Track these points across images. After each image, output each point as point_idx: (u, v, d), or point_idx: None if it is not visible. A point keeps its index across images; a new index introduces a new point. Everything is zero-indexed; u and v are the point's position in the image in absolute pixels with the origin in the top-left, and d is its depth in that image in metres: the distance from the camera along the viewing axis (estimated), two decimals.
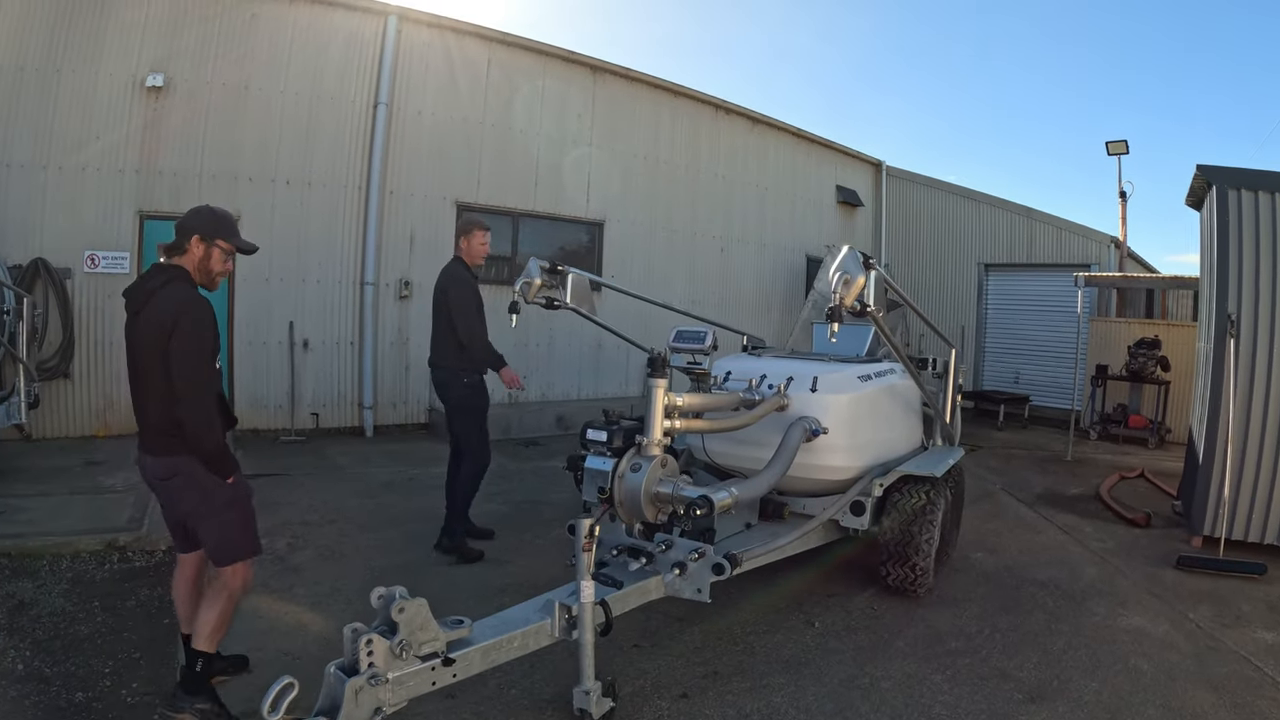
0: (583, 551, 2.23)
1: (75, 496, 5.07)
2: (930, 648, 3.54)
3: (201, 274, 2.62)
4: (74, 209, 6.81)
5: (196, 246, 2.58)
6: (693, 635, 3.50)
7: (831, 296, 2.92)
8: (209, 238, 2.60)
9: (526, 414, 8.56)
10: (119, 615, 3.49)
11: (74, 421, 6.93)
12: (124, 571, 4.01)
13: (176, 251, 2.60)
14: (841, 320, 2.93)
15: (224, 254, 2.64)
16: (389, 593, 1.95)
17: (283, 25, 7.52)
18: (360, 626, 2.00)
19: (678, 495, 2.73)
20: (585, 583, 2.27)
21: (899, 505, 3.92)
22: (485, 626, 2.29)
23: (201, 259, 2.59)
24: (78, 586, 3.78)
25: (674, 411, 2.91)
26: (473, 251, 4.58)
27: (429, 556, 4.43)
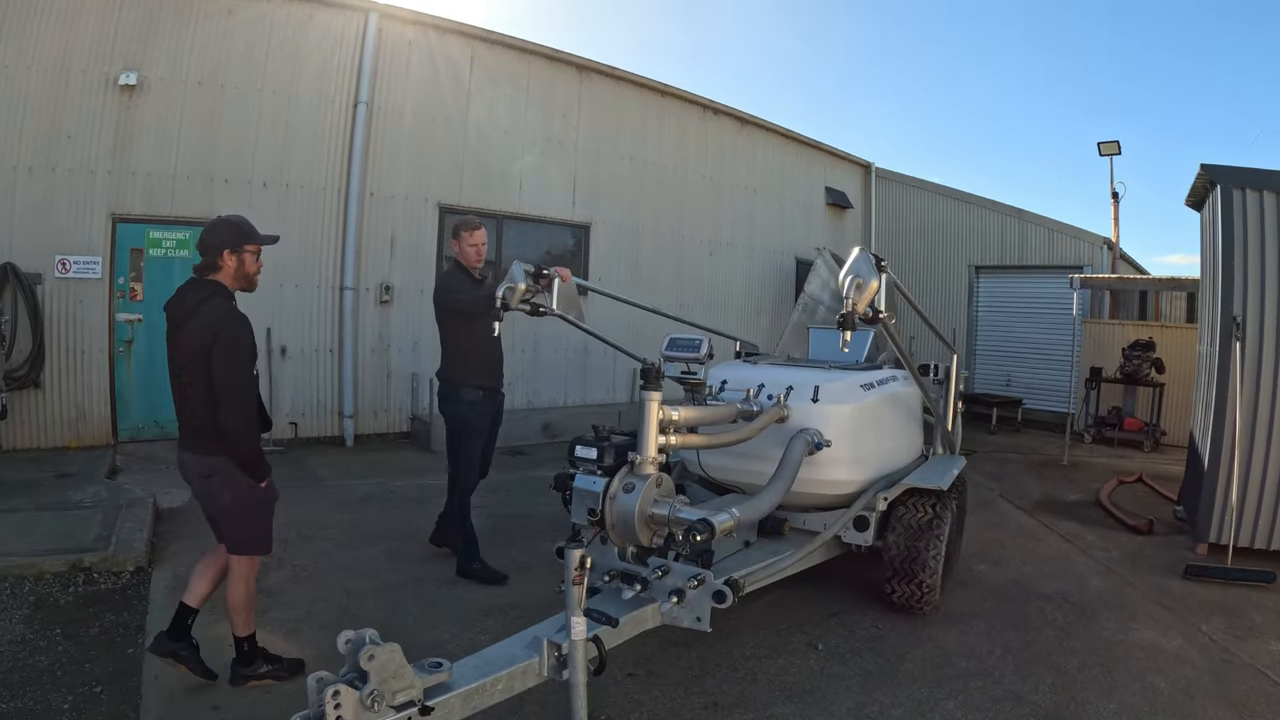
0: (573, 584, 2.03)
1: (42, 513, 4.82)
2: (940, 670, 3.38)
3: (240, 281, 2.84)
4: (44, 211, 6.53)
5: (229, 260, 2.77)
6: (690, 662, 3.30)
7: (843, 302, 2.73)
8: (238, 248, 2.79)
9: (512, 422, 8.29)
10: (81, 644, 3.28)
11: (45, 433, 6.64)
12: (88, 595, 3.79)
13: (210, 270, 2.77)
14: (854, 327, 2.74)
15: (254, 255, 2.85)
16: (357, 637, 1.74)
17: (260, 22, 7.27)
18: (326, 676, 1.79)
19: (675, 518, 2.53)
20: (576, 619, 2.07)
21: (904, 520, 3.75)
22: (466, 668, 2.08)
23: (237, 269, 2.80)
24: (39, 612, 3.56)
25: (669, 426, 2.72)
26: (464, 254, 4.28)
27: (408, 578, 4.19)
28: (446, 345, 4.27)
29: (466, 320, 4.10)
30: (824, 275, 9.91)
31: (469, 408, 4.15)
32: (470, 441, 4.19)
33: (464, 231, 4.25)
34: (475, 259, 4.25)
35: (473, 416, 4.18)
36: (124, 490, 5.36)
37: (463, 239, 4.25)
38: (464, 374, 4.14)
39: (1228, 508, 5.09)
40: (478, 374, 4.15)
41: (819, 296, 9.90)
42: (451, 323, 4.19)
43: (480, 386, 4.17)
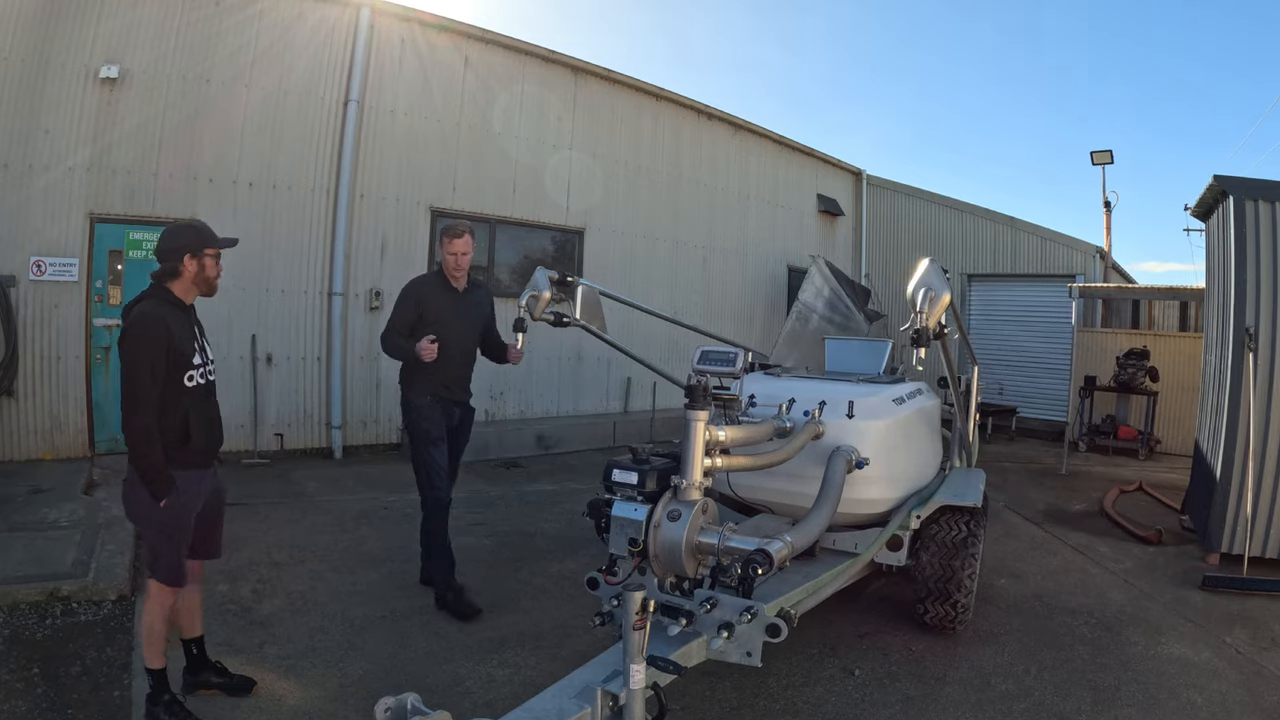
0: (633, 630, 1.85)
1: (15, 534, 4.49)
2: (981, 693, 3.28)
3: (201, 285, 2.77)
4: (19, 211, 6.20)
5: (190, 264, 2.70)
6: (726, 693, 3.13)
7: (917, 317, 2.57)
8: (198, 252, 2.71)
9: (506, 433, 8.10)
10: (62, 686, 3.01)
11: (18, 444, 6.29)
12: (68, 628, 3.50)
13: (170, 275, 2.69)
14: (928, 344, 2.59)
15: (214, 259, 2.77)
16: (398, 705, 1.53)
17: (248, 15, 6.99)
18: None
19: (726, 547, 2.36)
20: (636, 666, 1.88)
21: (937, 538, 3.62)
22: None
23: (197, 274, 2.72)
24: (15, 647, 3.28)
25: (714, 447, 2.54)
26: (444, 261, 3.99)
27: (414, 605, 3.94)
28: None
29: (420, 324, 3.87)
30: (818, 283, 9.82)
31: (416, 413, 3.93)
32: (425, 448, 3.92)
33: (445, 237, 3.97)
34: (452, 268, 3.97)
35: (423, 422, 3.92)
36: (102, 507, 5.04)
37: (443, 245, 3.97)
38: (411, 379, 3.95)
39: (1240, 518, 5.08)
40: (427, 380, 3.88)
41: (812, 305, 9.80)
42: None
43: (429, 393, 3.92)
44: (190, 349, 2.70)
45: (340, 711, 2.90)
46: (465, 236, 3.96)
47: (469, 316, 4.06)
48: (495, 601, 4.02)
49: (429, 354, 3.69)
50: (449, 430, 4.03)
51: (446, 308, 3.95)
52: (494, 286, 8.53)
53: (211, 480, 2.86)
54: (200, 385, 2.74)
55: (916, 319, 2.63)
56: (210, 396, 2.82)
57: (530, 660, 3.36)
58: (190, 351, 2.70)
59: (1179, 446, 9.34)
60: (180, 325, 2.68)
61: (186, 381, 2.67)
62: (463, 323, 4.01)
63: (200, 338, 2.82)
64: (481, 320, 4.15)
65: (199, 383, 2.73)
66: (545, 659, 3.37)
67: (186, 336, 2.70)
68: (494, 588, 4.22)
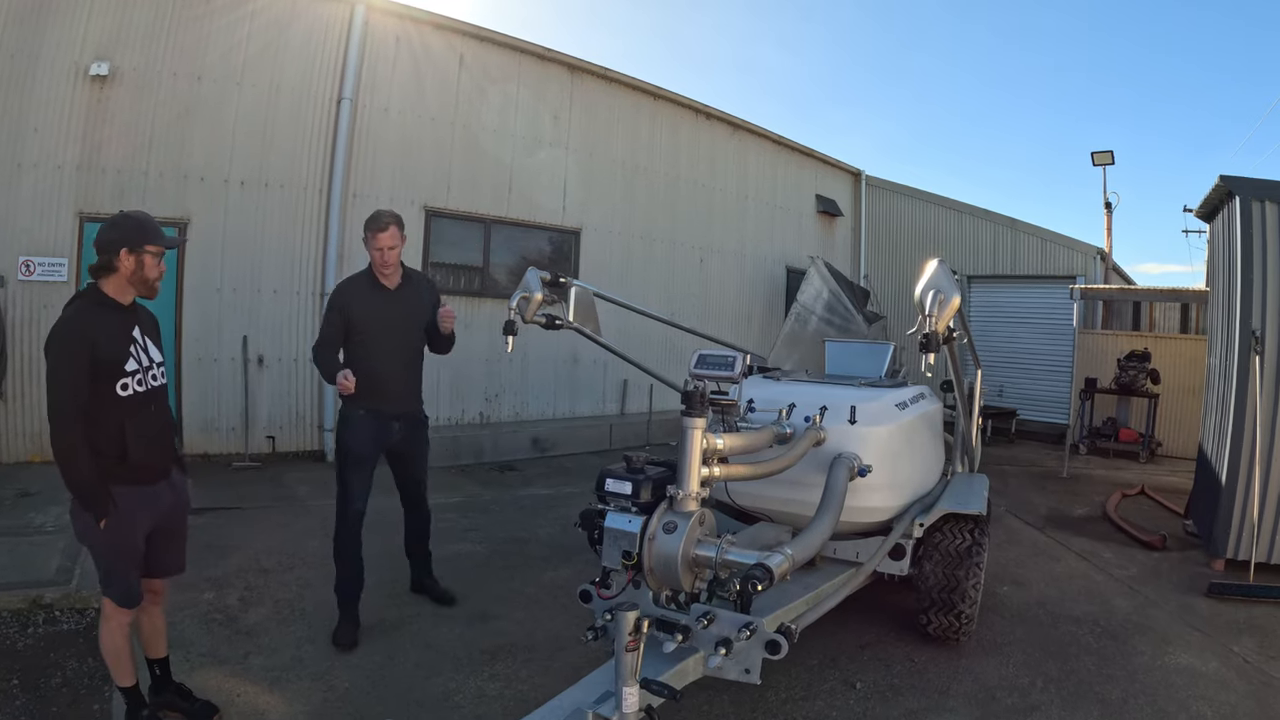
0: (625, 651, 1.75)
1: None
2: (985, 707, 3.20)
3: (139, 286, 2.54)
4: (7, 210, 6.11)
5: (127, 260, 2.47)
6: (723, 708, 3.04)
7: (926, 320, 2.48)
8: (137, 247, 2.47)
9: (500, 435, 8.00)
10: (43, 698, 2.92)
11: (6, 446, 6.20)
12: (50, 637, 3.42)
13: (106, 272, 2.48)
14: (937, 349, 2.50)
15: (155, 257, 2.54)
16: None
17: (240, 11, 6.89)
18: None
19: (724, 560, 2.27)
20: (629, 689, 1.79)
21: (941, 547, 3.54)
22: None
23: (134, 271, 2.49)
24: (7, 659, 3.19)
25: (713, 456, 2.45)
26: (371, 259, 3.57)
27: (404, 614, 3.85)
28: None
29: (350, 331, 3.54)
30: (817, 285, 9.75)
31: (343, 425, 3.59)
32: (344, 467, 3.56)
33: (369, 231, 3.52)
34: (380, 264, 3.54)
35: (347, 438, 3.56)
36: None
37: (367, 240, 3.53)
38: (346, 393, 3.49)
39: (1246, 523, 5.01)
40: (357, 394, 3.42)
41: (811, 306, 9.73)
42: None
43: (363, 408, 3.53)
44: (122, 354, 2.45)
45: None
46: (391, 229, 3.51)
47: (404, 316, 3.65)
48: (487, 611, 3.93)
49: (345, 388, 3.31)
50: (392, 447, 3.68)
51: (374, 310, 3.55)
52: (490, 288, 8.46)
53: (166, 494, 2.62)
54: (138, 394, 2.48)
55: (925, 322, 2.53)
56: (152, 405, 2.56)
57: (522, 673, 3.27)
58: (122, 356, 2.45)
59: (1180, 449, 9.26)
60: (111, 328, 2.45)
61: (120, 390, 2.43)
62: (396, 325, 3.61)
63: (142, 339, 2.57)
64: (421, 318, 3.72)
65: (135, 391, 2.47)
66: (537, 672, 3.28)
67: (118, 340, 2.45)
68: (486, 596, 4.12)
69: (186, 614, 3.66)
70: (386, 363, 3.58)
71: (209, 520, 5.14)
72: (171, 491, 2.65)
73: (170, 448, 2.67)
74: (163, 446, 2.61)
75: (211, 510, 5.35)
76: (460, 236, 8.24)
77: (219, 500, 5.59)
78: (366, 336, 3.53)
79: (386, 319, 3.58)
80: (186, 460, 2.88)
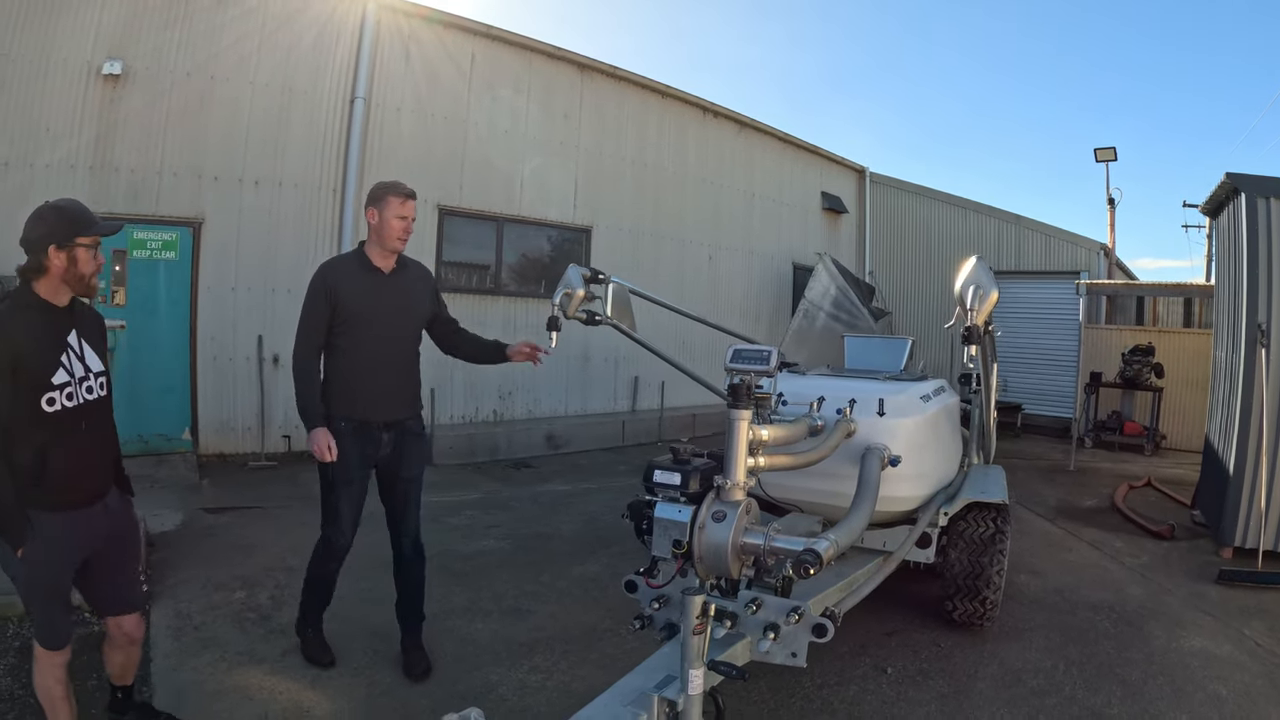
0: (694, 634, 1.82)
1: None
2: (1012, 689, 3.29)
3: (74, 284, 2.23)
4: (20, 209, 5.96)
5: (56, 258, 2.17)
6: (761, 693, 3.11)
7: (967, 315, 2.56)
8: (66, 241, 2.18)
9: (515, 433, 8.06)
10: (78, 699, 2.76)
11: None
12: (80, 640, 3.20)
13: (35, 272, 2.18)
14: (979, 341, 2.58)
15: (89, 250, 2.22)
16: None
17: (253, 10, 6.92)
18: None
19: (774, 548, 2.33)
20: (695, 671, 1.86)
21: (965, 535, 3.62)
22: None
23: (67, 268, 2.19)
24: (26, 660, 3.07)
25: (758, 447, 2.52)
26: (385, 231, 3.03)
27: (437, 610, 3.82)
28: None
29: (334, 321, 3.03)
30: (825, 281, 9.83)
31: None
32: (329, 487, 3.08)
33: (393, 197, 3.01)
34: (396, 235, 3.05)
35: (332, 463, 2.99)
36: None
37: (387, 207, 3.01)
38: (325, 396, 3.04)
39: (1254, 512, 5.12)
40: (338, 401, 3.02)
41: (819, 303, 9.81)
42: None
43: (344, 417, 3.02)
44: (49, 364, 2.15)
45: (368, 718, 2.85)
46: (415, 198, 3.11)
47: (399, 307, 3.12)
48: (519, 606, 3.98)
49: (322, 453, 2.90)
50: (380, 462, 3.13)
51: (364, 296, 3.03)
52: (503, 286, 8.53)
53: (101, 519, 2.31)
54: (66, 409, 2.17)
55: (966, 316, 2.61)
56: (83, 422, 2.24)
57: (561, 665, 3.32)
58: (49, 367, 2.15)
59: (1185, 442, 9.39)
60: (38, 334, 2.15)
61: (45, 405, 2.13)
62: (389, 315, 3.08)
63: (79, 345, 2.26)
64: (420, 311, 3.24)
65: (64, 406, 2.17)
66: (576, 663, 3.33)
67: (45, 348, 2.16)
68: (516, 592, 4.17)
69: (219, 614, 3.68)
70: (376, 360, 3.05)
71: (231, 520, 5.18)
72: (108, 516, 2.34)
73: (107, 468, 2.38)
74: (96, 467, 2.32)
75: (233, 510, 5.39)
76: (473, 235, 8.30)
77: (239, 500, 5.63)
78: (352, 328, 3.02)
79: (378, 307, 3.05)
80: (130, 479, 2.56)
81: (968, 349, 2.57)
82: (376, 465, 3.15)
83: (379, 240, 3.08)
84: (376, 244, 3.10)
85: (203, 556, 4.40)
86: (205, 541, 4.69)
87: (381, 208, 3.04)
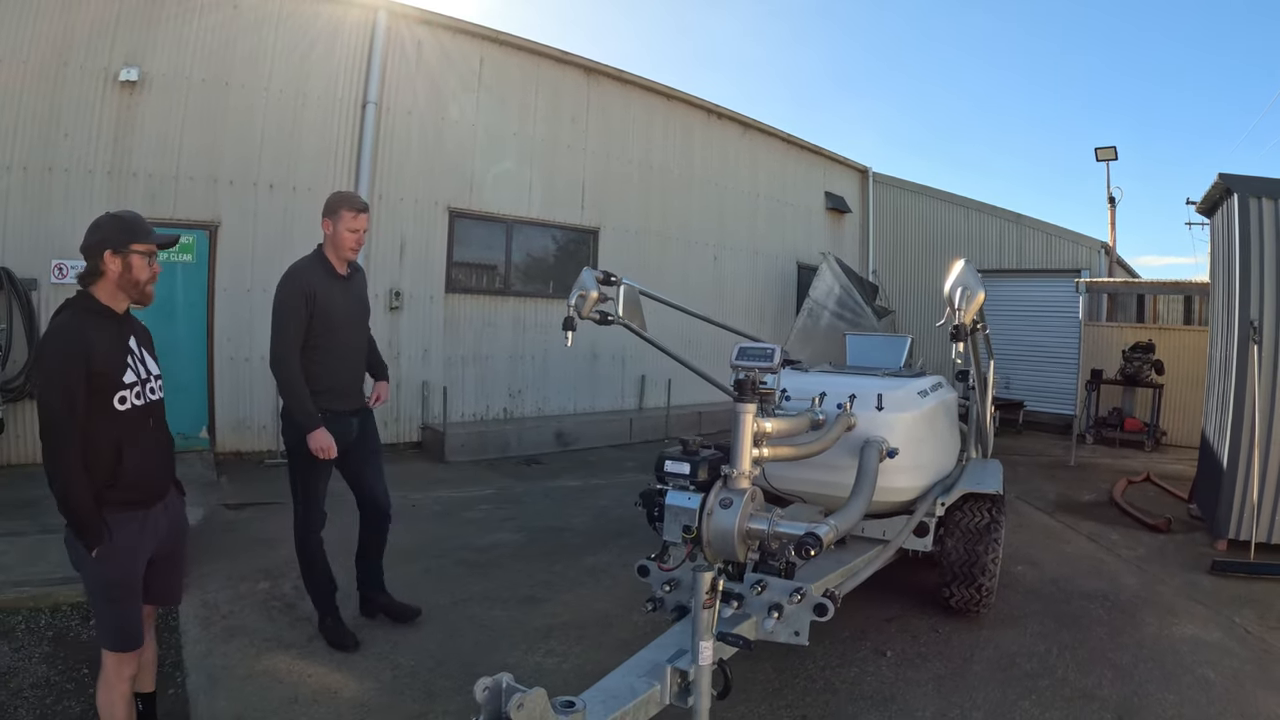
0: (703, 609, 1.98)
1: (49, 536, 4.40)
2: (1006, 671, 3.44)
3: (129, 290, 2.30)
4: (40, 214, 6.25)
5: (112, 263, 2.24)
6: (766, 675, 3.26)
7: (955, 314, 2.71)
8: (122, 248, 2.24)
9: (525, 430, 8.23)
10: None
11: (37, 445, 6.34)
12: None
13: (92, 277, 2.26)
14: (966, 339, 2.73)
15: (145, 258, 2.30)
16: (495, 684, 1.65)
17: (266, 17, 7.09)
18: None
19: (775, 532, 2.49)
20: (705, 643, 2.01)
21: (962, 525, 3.77)
22: (593, 703, 2.01)
23: (121, 274, 2.26)
24: (62, 648, 3.29)
25: (762, 439, 2.68)
26: (339, 240, 3.29)
27: (454, 598, 4.04)
28: None
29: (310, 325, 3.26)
30: (829, 281, 9.98)
31: (293, 428, 3.30)
32: (305, 470, 3.33)
33: (346, 210, 3.25)
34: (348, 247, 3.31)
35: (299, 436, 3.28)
36: None
37: (340, 220, 3.25)
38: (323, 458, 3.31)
39: (1247, 505, 5.24)
40: (321, 396, 3.27)
41: (823, 302, 9.95)
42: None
43: (321, 408, 3.26)
44: (119, 365, 2.24)
45: (399, 703, 2.96)
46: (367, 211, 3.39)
47: (359, 310, 3.47)
48: (535, 595, 4.14)
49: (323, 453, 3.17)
50: (353, 445, 3.42)
51: (336, 301, 3.31)
52: (510, 286, 8.69)
53: (162, 518, 2.40)
54: (136, 408, 2.27)
55: (954, 315, 2.76)
56: (150, 419, 2.35)
57: (576, 649, 3.48)
58: (119, 368, 2.24)
59: (1184, 438, 9.50)
60: (107, 337, 2.23)
61: (117, 404, 2.22)
62: (353, 316, 3.42)
63: (140, 349, 2.35)
64: (367, 310, 3.58)
65: (134, 405, 2.26)
66: (590, 647, 3.49)
67: (114, 350, 2.24)
68: (531, 581, 4.33)
69: (245, 603, 3.82)
70: (346, 357, 3.38)
71: (251, 515, 5.34)
72: (167, 515, 2.43)
73: (170, 468, 2.47)
74: (162, 466, 2.41)
75: (252, 505, 5.55)
76: (482, 236, 8.48)
77: (258, 496, 5.78)
78: (328, 330, 3.27)
79: (345, 311, 3.36)
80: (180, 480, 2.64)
81: (955, 346, 2.71)
82: (347, 448, 3.40)
83: (334, 249, 3.33)
84: (333, 251, 3.34)
85: (225, 550, 4.54)
86: (227, 536, 4.84)
87: (335, 220, 3.29)
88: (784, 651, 3.38)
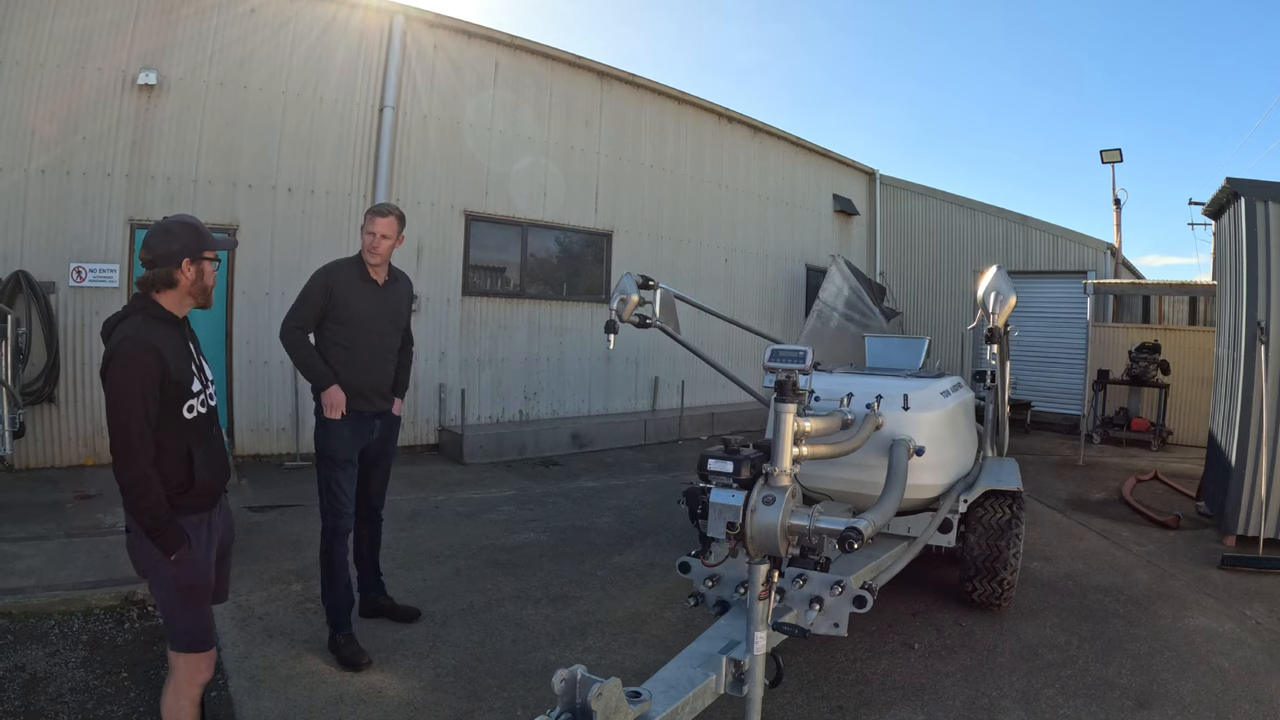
0: (759, 600, 2.07)
1: (74, 540, 4.52)
2: (1030, 662, 3.55)
3: (199, 296, 2.31)
4: (58, 216, 6.30)
5: (189, 270, 2.23)
6: (801, 667, 3.35)
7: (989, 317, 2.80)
8: (198, 255, 2.24)
9: (541, 432, 8.31)
10: (154, 688, 2.88)
11: (61, 450, 6.39)
12: (148, 631, 3.49)
13: (164, 283, 2.22)
14: (1000, 341, 2.82)
15: (214, 265, 2.33)
16: (571, 675, 1.73)
17: (283, 21, 7.16)
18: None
19: (818, 528, 2.57)
20: (760, 633, 2.10)
21: (984, 521, 3.87)
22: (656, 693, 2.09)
23: (195, 280, 2.26)
24: (98, 652, 3.30)
25: (801, 437, 2.76)
26: (362, 243, 3.45)
27: (487, 599, 4.08)
28: None
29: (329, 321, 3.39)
30: (838, 283, 10.03)
31: (324, 429, 3.42)
32: (330, 470, 3.41)
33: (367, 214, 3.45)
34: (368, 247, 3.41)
35: (331, 440, 3.39)
36: None
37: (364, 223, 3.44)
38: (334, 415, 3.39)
39: (1255, 502, 5.34)
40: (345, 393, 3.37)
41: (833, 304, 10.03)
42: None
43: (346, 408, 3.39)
44: (188, 374, 2.24)
45: (444, 700, 3.01)
46: (391, 218, 3.43)
47: (390, 317, 3.57)
48: (567, 593, 4.20)
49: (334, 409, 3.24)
50: (370, 446, 3.54)
51: (365, 303, 3.43)
52: (525, 289, 8.78)
53: (219, 518, 2.43)
54: (202, 415, 2.28)
55: (988, 319, 2.85)
56: (213, 424, 2.38)
57: (613, 645, 3.56)
58: (188, 377, 2.23)
59: (1190, 437, 9.59)
60: (175, 347, 2.22)
61: (186, 413, 2.22)
62: (383, 322, 3.52)
63: (198, 357, 2.35)
64: (404, 318, 3.69)
65: (200, 412, 2.27)
66: (626, 644, 3.57)
67: (182, 359, 2.24)
68: (563, 580, 4.39)
69: (279, 605, 3.86)
70: (372, 360, 3.47)
71: (275, 517, 5.37)
72: (220, 515, 2.46)
73: (227, 468, 2.49)
74: (223, 469, 2.43)
75: (275, 508, 5.58)
76: (498, 239, 8.56)
77: (279, 499, 5.81)
78: (353, 330, 3.40)
79: (374, 314, 3.46)
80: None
81: (989, 348, 2.81)
82: (365, 449, 3.53)
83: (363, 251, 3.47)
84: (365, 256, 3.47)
85: (253, 552, 4.58)
86: (253, 537, 4.87)
87: (362, 229, 3.46)
88: (815, 646, 3.48)
